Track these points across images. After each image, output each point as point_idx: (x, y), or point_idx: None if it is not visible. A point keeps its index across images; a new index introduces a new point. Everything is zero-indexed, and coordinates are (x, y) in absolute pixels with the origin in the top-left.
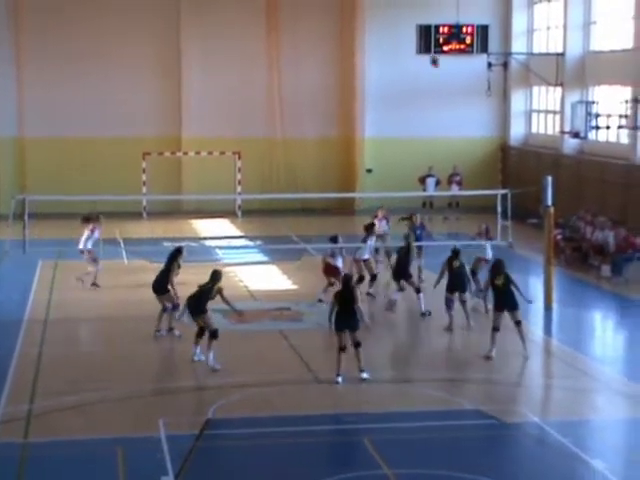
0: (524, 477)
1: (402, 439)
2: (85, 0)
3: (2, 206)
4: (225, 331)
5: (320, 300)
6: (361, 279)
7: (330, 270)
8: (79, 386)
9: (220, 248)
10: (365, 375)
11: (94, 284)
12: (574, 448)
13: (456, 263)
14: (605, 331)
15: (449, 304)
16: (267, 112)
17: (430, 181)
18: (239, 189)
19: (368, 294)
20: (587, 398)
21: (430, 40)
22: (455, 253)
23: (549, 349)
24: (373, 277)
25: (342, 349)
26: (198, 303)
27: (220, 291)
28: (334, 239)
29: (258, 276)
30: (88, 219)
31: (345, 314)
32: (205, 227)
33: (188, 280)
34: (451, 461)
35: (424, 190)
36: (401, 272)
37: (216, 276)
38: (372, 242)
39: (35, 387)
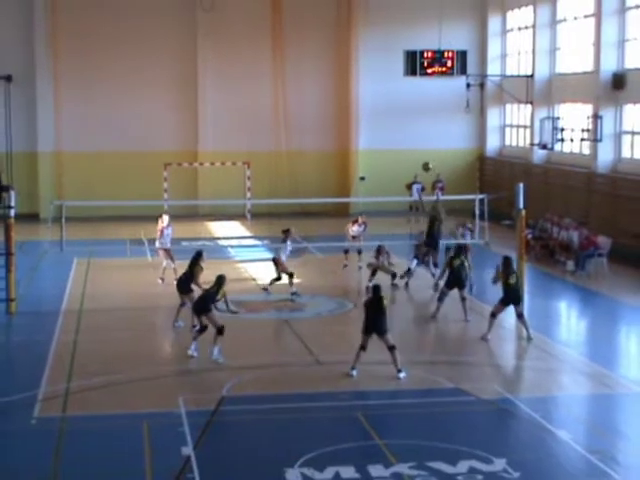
0: (500, 446)
1: (392, 414)
2: (114, 27)
3: (43, 211)
4: (236, 320)
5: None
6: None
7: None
8: (109, 368)
9: (232, 247)
10: (402, 375)
11: (161, 278)
12: (542, 421)
13: (456, 261)
14: (570, 318)
15: (442, 297)
16: (273, 127)
17: (416, 187)
18: (248, 195)
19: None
20: (554, 377)
21: (416, 63)
22: (457, 252)
23: (520, 334)
24: (290, 275)
25: (363, 348)
26: (204, 304)
27: (224, 295)
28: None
29: (265, 271)
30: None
31: (373, 320)
32: (218, 228)
33: (203, 274)
34: (435, 433)
35: (410, 195)
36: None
37: (221, 281)
38: (289, 244)
39: (71, 369)
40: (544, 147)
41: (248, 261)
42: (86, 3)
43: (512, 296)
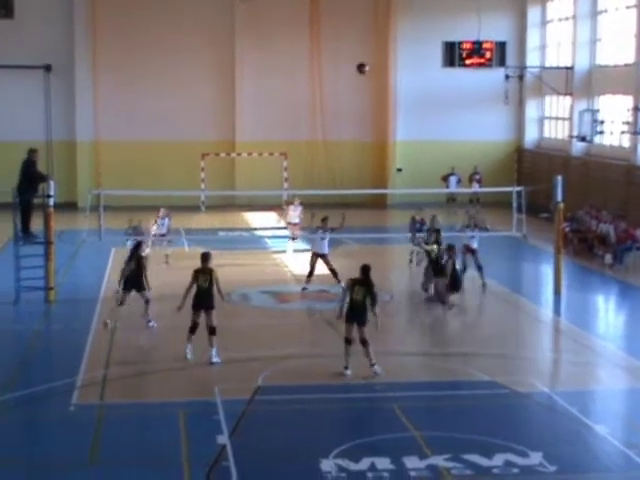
0: (536, 440)
1: (427, 406)
2: (152, 17)
3: (81, 200)
4: (272, 310)
5: None
6: None
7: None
8: (146, 356)
9: (268, 237)
10: (377, 369)
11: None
12: (579, 415)
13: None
14: (607, 312)
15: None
16: (310, 118)
17: (452, 179)
18: (285, 185)
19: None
20: (591, 370)
21: (454, 54)
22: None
23: (558, 328)
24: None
25: (348, 341)
26: (208, 299)
27: (217, 279)
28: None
29: (301, 262)
30: None
31: (356, 306)
32: (255, 219)
33: (240, 264)
34: (470, 425)
35: (447, 187)
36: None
37: (208, 259)
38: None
39: (109, 356)
40: (583, 139)
41: (284, 252)
42: None
43: (458, 283)
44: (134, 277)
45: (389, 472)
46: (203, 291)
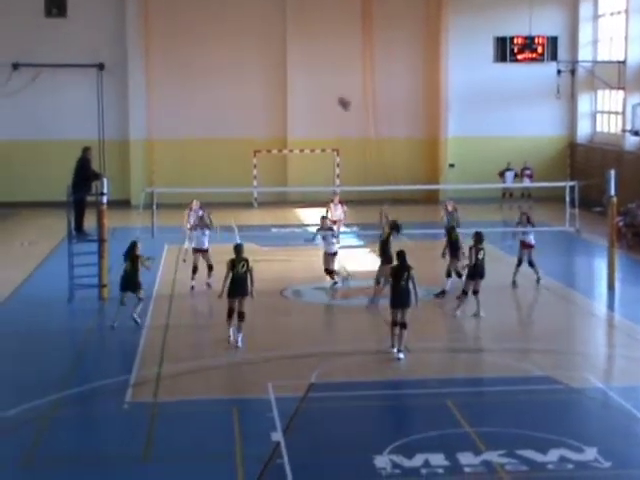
0: (591, 435)
1: (481, 402)
2: (204, 15)
3: (134, 197)
4: (326, 305)
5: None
6: (195, 269)
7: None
8: (199, 353)
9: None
10: (401, 355)
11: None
12: (634, 410)
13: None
14: None
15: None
16: (362, 114)
17: (509, 174)
18: (338, 182)
19: (208, 285)
20: None
21: (506, 49)
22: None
23: (612, 323)
24: (210, 267)
25: (394, 324)
26: (244, 286)
27: (251, 268)
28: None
29: (355, 258)
30: None
31: (399, 292)
32: (308, 215)
33: (293, 260)
34: (524, 421)
35: (503, 182)
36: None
37: (241, 250)
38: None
39: (162, 354)
40: (636, 133)
41: (338, 248)
42: None
43: (479, 271)
44: (130, 277)
45: (443, 468)
46: (239, 278)
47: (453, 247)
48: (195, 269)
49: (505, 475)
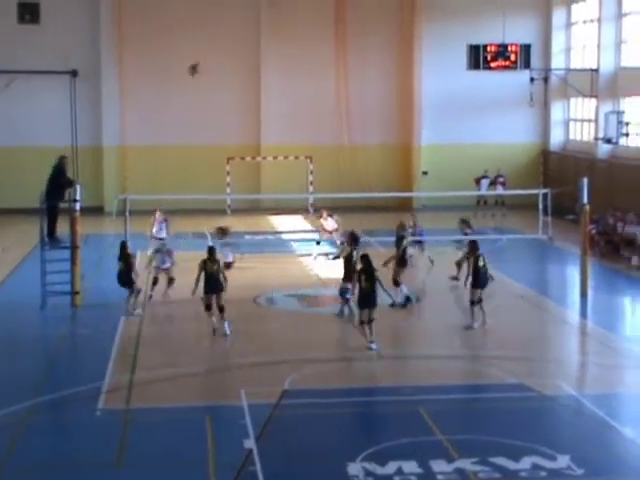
0: (563, 443)
1: (454, 409)
2: (178, 22)
3: (107, 204)
4: (298, 313)
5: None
6: (155, 281)
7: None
8: (172, 360)
9: (294, 241)
10: (374, 346)
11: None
12: (607, 418)
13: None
14: (634, 314)
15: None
16: (335, 121)
17: (484, 182)
18: (311, 189)
19: (166, 295)
20: (618, 373)
21: (479, 57)
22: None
23: (584, 330)
24: (170, 280)
25: (363, 323)
26: (219, 283)
27: (221, 267)
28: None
29: (327, 265)
30: None
31: (367, 293)
32: (281, 222)
33: (266, 268)
34: (497, 428)
35: (478, 190)
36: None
37: (214, 252)
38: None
39: (135, 361)
40: (609, 141)
41: (310, 255)
42: None
43: (483, 279)
44: (124, 275)
45: (416, 476)
46: (213, 276)
47: (402, 257)
48: (155, 280)
49: None
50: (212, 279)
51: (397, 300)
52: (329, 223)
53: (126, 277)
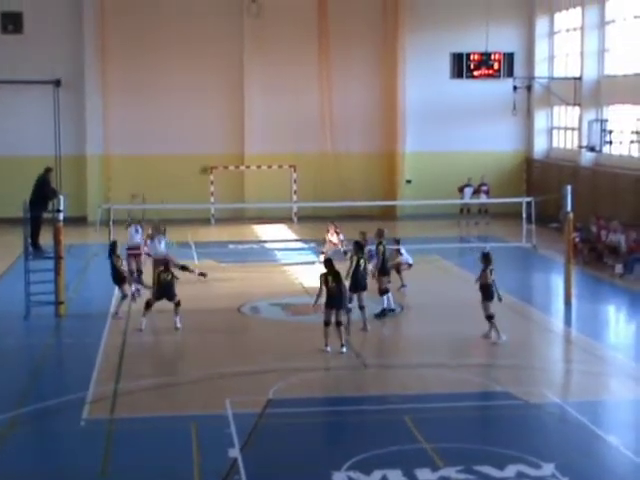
0: (548, 451)
1: (439, 417)
2: (162, 33)
3: (90, 214)
4: (283, 322)
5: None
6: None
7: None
8: (157, 370)
9: (278, 250)
10: (344, 349)
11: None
12: (591, 425)
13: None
14: (618, 322)
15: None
16: (319, 130)
17: (467, 190)
18: (295, 198)
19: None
20: (603, 381)
21: (462, 66)
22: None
23: (569, 338)
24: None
25: (327, 324)
26: (170, 290)
27: (182, 267)
28: None
29: (311, 274)
30: None
31: (334, 294)
32: (265, 231)
33: (250, 277)
34: (482, 436)
35: (462, 198)
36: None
37: (167, 263)
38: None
39: (120, 371)
40: (592, 149)
41: (294, 264)
42: (135, 9)
43: (492, 292)
44: (115, 273)
45: None
46: (167, 285)
47: (382, 264)
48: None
49: None
50: (165, 286)
51: (389, 307)
52: (335, 239)
53: (115, 276)
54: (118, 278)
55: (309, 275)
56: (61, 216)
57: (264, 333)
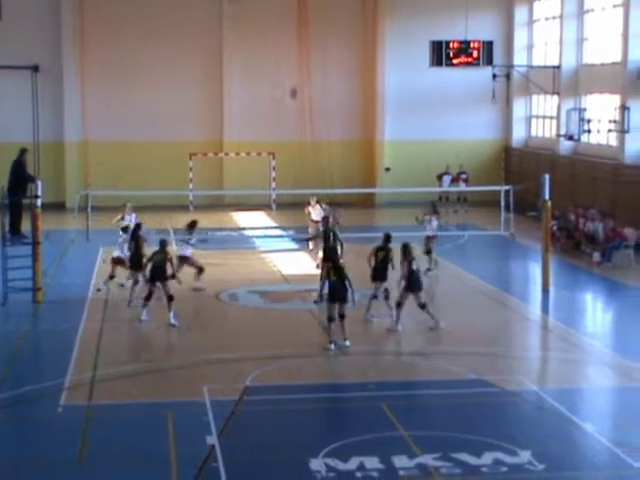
0: (525, 438)
1: (416, 405)
2: (140, 18)
3: (69, 200)
4: (261, 309)
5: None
6: (200, 270)
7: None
8: (135, 357)
9: (257, 237)
10: (348, 343)
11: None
12: (568, 413)
13: (380, 254)
14: (595, 310)
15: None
16: (298, 118)
17: (446, 178)
18: (274, 185)
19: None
20: (579, 369)
21: (442, 54)
22: (384, 241)
23: (546, 326)
24: (200, 270)
25: (331, 319)
26: (161, 271)
27: (170, 258)
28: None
29: (290, 261)
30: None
31: (336, 287)
32: (244, 218)
33: (229, 264)
34: (459, 424)
35: (440, 186)
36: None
37: (164, 244)
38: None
39: (97, 357)
40: (570, 138)
41: (273, 251)
42: None
43: (416, 283)
44: (134, 257)
45: (378, 471)
46: (157, 266)
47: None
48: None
49: (439, 478)
50: (156, 267)
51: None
52: (317, 212)
53: (136, 259)
54: (139, 263)
55: (288, 263)
56: (39, 202)
57: (242, 320)
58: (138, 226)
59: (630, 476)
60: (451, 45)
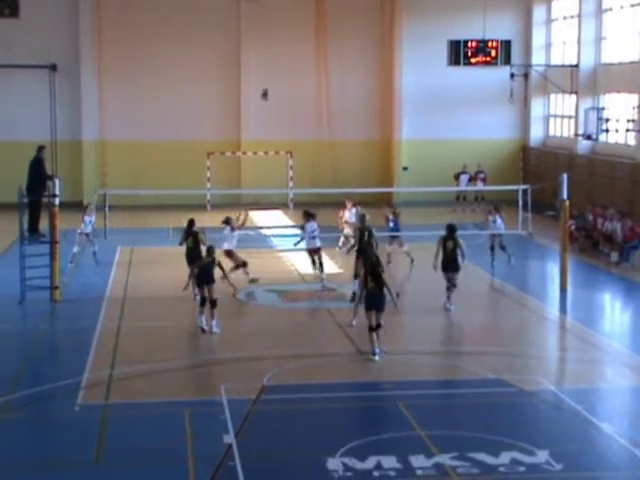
0: (542, 438)
1: (433, 404)
2: (158, 18)
3: (86, 199)
4: (279, 309)
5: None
6: (237, 267)
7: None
8: (152, 356)
9: (274, 236)
10: (377, 358)
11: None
12: (585, 413)
13: (450, 244)
14: (613, 310)
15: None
16: (316, 117)
17: (464, 177)
18: (291, 184)
19: (252, 281)
20: (597, 369)
21: (459, 53)
22: (450, 231)
23: (564, 326)
24: (243, 264)
25: (371, 329)
26: (208, 275)
27: (219, 263)
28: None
29: (307, 261)
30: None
31: (372, 294)
32: (261, 217)
33: (248, 261)
34: (477, 424)
35: (457, 185)
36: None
37: (212, 250)
38: (234, 234)
39: (115, 356)
40: (588, 137)
41: (290, 250)
42: None
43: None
44: (192, 252)
45: (395, 471)
46: (205, 270)
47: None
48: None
49: (457, 478)
50: (203, 271)
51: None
52: (352, 214)
53: (195, 254)
54: (199, 257)
55: (305, 262)
56: (57, 200)
57: (260, 319)
58: (192, 222)
59: None
60: (469, 44)
